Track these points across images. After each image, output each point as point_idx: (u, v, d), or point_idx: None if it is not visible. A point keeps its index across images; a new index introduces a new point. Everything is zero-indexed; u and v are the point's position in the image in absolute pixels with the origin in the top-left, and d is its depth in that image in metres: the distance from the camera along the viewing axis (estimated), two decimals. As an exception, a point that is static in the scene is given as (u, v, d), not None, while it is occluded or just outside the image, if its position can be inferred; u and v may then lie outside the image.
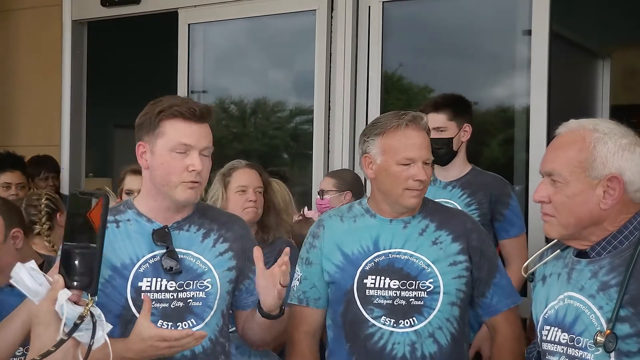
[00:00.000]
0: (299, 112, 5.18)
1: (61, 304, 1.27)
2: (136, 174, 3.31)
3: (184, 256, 2.10)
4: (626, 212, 1.74)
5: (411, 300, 2.23)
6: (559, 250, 1.90)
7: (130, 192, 3.29)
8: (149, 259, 2.08)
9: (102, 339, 1.30)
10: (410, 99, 4.87)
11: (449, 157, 3.24)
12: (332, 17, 4.39)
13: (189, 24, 4.92)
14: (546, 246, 1.96)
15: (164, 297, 2.06)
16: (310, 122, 4.59)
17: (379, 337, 2.24)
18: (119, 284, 2.05)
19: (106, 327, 1.32)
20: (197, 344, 1.94)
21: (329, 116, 4.40)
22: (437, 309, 2.23)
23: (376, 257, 2.28)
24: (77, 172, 5.38)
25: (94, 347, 1.28)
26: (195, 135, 2.05)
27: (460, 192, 3.23)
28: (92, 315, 1.29)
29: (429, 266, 2.25)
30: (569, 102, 4.66)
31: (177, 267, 2.07)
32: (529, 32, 3.93)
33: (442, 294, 2.24)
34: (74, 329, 1.27)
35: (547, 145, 1.86)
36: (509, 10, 4.30)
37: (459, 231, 2.31)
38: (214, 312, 2.11)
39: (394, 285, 2.24)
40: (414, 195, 2.25)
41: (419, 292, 2.24)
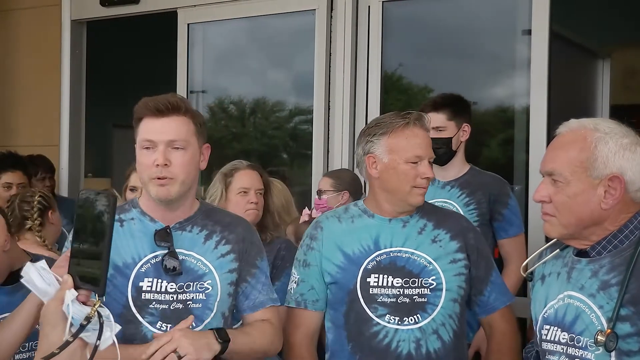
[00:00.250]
0: (298, 112, 5.17)
1: (67, 304, 1.26)
2: None
3: (185, 257, 2.10)
4: (627, 212, 1.74)
5: (415, 297, 2.24)
6: (558, 249, 1.90)
7: (134, 189, 3.29)
8: (150, 259, 2.09)
9: (110, 339, 1.28)
10: (409, 98, 4.86)
11: (448, 156, 3.24)
12: (331, 17, 4.38)
13: (188, 24, 4.90)
14: (545, 245, 1.96)
15: (164, 299, 2.06)
16: (309, 122, 4.58)
17: (383, 335, 2.24)
18: (120, 282, 2.05)
19: (115, 327, 1.30)
20: (172, 348, 1.91)
21: (329, 116, 4.39)
22: (440, 305, 2.25)
23: (377, 255, 2.28)
24: (76, 172, 5.37)
25: (101, 347, 1.26)
26: (158, 130, 2.03)
27: (459, 191, 3.24)
28: (99, 315, 1.27)
29: (430, 264, 2.27)
30: (569, 102, 4.66)
31: (179, 267, 2.06)
32: (529, 32, 3.92)
33: (444, 290, 2.26)
34: (80, 330, 1.25)
35: (547, 145, 1.86)
36: (509, 10, 4.30)
37: (456, 230, 2.34)
38: (214, 314, 2.11)
39: (397, 283, 2.25)
40: (420, 193, 2.28)
41: (422, 289, 2.25)
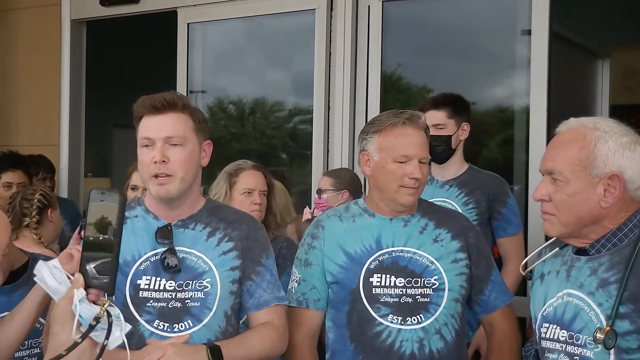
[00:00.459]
0: (298, 111, 5.16)
1: (75, 303, 1.25)
2: None
3: (185, 255, 2.08)
4: (626, 210, 1.74)
5: (417, 297, 2.24)
6: (557, 248, 1.90)
7: (135, 188, 3.29)
8: (150, 257, 2.08)
9: (120, 339, 1.26)
10: (409, 98, 4.87)
11: (447, 154, 3.25)
12: (331, 17, 4.38)
13: (188, 24, 4.90)
14: (544, 244, 1.96)
15: (162, 297, 2.05)
16: (309, 121, 4.58)
17: (386, 335, 2.23)
18: (118, 280, 2.03)
19: (125, 327, 1.29)
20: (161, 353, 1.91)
21: (329, 116, 4.39)
22: (442, 305, 2.25)
23: (380, 255, 2.27)
24: (76, 171, 5.36)
25: (109, 347, 1.25)
26: (155, 127, 2.03)
27: (457, 191, 3.24)
28: (108, 314, 1.26)
29: (432, 263, 2.26)
30: (568, 102, 4.66)
31: (178, 265, 2.05)
32: (528, 32, 3.92)
33: (447, 290, 2.25)
34: (89, 330, 1.24)
35: (547, 145, 1.86)
36: (509, 10, 4.30)
37: (457, 229, 2.33)
38: (213, 313, 2.08)
39: (400, 283, 2.24)
40: (409, 193, 2.25)
41: (425, 289, 2.24)
